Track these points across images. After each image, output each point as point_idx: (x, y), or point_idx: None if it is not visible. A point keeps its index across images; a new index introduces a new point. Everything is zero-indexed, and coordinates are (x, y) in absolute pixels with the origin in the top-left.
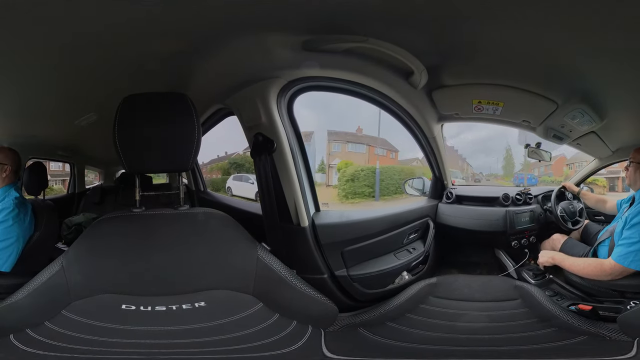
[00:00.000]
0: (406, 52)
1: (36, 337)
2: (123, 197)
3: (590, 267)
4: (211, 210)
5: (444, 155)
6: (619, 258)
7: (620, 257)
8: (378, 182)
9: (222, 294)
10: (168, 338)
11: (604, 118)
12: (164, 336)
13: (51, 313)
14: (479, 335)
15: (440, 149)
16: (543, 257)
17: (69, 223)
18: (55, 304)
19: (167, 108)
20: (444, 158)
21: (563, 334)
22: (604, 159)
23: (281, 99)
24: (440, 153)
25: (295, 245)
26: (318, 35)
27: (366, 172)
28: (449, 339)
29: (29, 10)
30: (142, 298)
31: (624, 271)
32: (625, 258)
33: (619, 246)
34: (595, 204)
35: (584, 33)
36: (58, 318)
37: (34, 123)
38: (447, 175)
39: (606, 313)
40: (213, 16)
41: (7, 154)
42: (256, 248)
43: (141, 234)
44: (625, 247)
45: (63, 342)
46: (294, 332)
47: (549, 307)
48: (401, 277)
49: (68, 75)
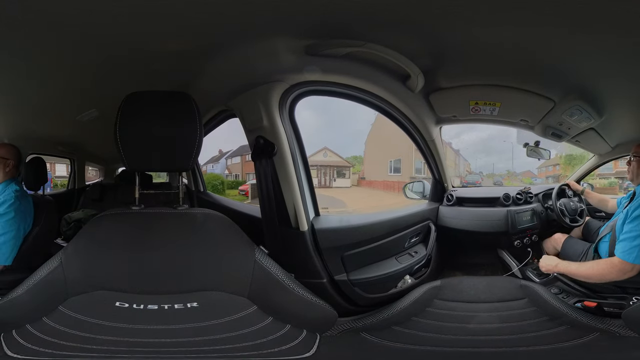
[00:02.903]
0: (402, 56)
1: (34, 333)
2: (123, 194)
3: (594, 269)
4: (210, 211)
5: (443, 157)
6: (624, 254)
7: (625, 253)
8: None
9: (215, 296)
10: (158, 337)
11: (603, 114)
12: (154, 335)
13: (49, 308)
14: (493, 337)
15: (439, 151)
16: (545, 264)
17: (68, 219)
18: (53, 300)
19: (170, 107)
20: (444, 160)
21: (575, 332)
22: (604, 155)
23: (283, 102)
24: (440, 155)
25: (294, 249)
26: (319, 39)
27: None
28: (462, 340)
29: (32, 7)
30: (136, 296)
31: (634, 267)
32: (629, 254)
33: (622, 242)
34: (598, 203)
35: (579, 30)
36: (55, 314)
37: (34, 118)
38: (447, 178)
39: (611, 309)
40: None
41: (10, 149)
42: (254, 251)
43: (139, 232)
44: (628, 242)
45: (57, 338)
46: (286, 335)
47: (556, 305)
48: (404, 281)
49: (71, 71)
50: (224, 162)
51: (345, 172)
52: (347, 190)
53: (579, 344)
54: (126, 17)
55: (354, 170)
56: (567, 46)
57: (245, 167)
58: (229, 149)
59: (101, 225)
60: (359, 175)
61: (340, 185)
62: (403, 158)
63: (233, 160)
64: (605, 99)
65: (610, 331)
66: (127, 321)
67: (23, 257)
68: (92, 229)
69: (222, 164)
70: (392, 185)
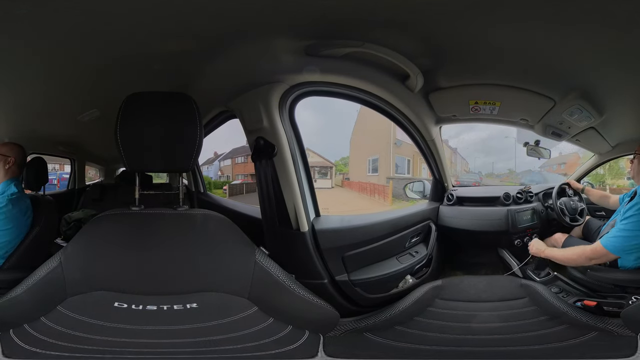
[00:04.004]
0: (401, 56)
1: (32, 333)
2: (123, 194)
3: (570, 252)
4: (210, 212)
5: (443, 157)
6: (605, 239)
7: (606, 239)
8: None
9: (215, 297)
10: (156, 338)
11: (603, 113)
12: (153, 336)
13: (48, 308)
14: (496, 336)
15: (439, 151)
16: (536, 248)
17: (68, 219)
18: (52, 300)
19: (171, 108)
20: (444, 160)
21: (574, 331)
22: (604, 155)
23: (283, 103)
24: (440, 155)
25: (295, 250)
26: (319, 39)
27: None
28: (464, 340)
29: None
30: (134, 297)
31: (604, 254)
32: (610, 241)
33: (610, 231)
34: (599, 200)
35: (580, 29)
36: (53, 314)
37: (35, 118)
38: (447, 177)
39: (610, 308)
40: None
41: (12, 147)
42: (254, 252)
43: (139, 233)
44: (614, 231)
45: (55, 339)
46: (289, 335)
47: (557, 305)
48: (405, 281)
49: (72, 72)
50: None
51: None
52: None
53: (577, 343)
54: (127, 17)
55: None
56: (568, 45)
57: (235, 169)
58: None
59: (101, 225)
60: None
61: (321, 186)
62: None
63: (225, 162)
64: (605, 98)
65: (608, 330)
66: (126, 322)
67: (23, 256)
68: (92, 229)
69: (215, 166)
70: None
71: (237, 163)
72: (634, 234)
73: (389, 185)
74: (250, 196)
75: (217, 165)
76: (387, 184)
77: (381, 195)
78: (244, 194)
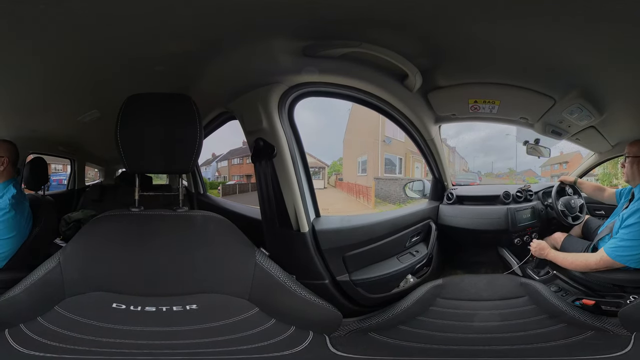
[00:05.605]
0: (399, 56)
1: (28, 334)
2: (122, 195)
3: (572, 259)
4: (210, 214)
5: (442, 156)
6: (609, 250)
7: (610, 249)
8: None
9: (215, 298)
10: (155, 339)
11: (603, 112)
12: (151, 337)
13: (45, 308)
14: (497, 334)
15: (438, 150)
16: (539, 248)
17: (67, 219)
18: (50, 300)
19: (171, 109)
20: (443, 159)
21: (572, 330)
22: (604, 154)
23: (282, 104)
24: (439, 154)
25: (295, 250)
26: (317, 40)
27: None
28: (467, 339)
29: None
30: (133, 297)
31: (610, 264)
32: (614, 251)
33: (613, 239)
34: (593, 192)
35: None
36: (50, 314)
37: (35, 117)
38: (447, 177)
39: (608, 307)
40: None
41: (3, 145)
42: (254, 253)
43: (138, 234)
44: (617, 240)
45: (50, 340)
46: (293, 336)
47: (556, 303)
48: (406, 280)
49: (73, 72)
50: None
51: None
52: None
53: (574, 342)
54: (129, 19)
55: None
56: (567, 44)
57: (232, 170)
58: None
59: (100, 226)
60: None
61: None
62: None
63: (222, 163)
64: (605, 96)
65: (604, 329)
66: (124, 323)
67: (22, 256)
68: (91, 230)
69: (213, 167)
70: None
71: (233, 164)
72: (638, 243)
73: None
74: (243, 195)
75: (215, 166)
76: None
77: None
78: (237, 194)
